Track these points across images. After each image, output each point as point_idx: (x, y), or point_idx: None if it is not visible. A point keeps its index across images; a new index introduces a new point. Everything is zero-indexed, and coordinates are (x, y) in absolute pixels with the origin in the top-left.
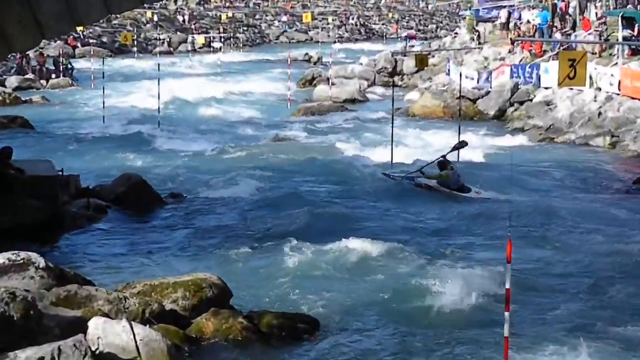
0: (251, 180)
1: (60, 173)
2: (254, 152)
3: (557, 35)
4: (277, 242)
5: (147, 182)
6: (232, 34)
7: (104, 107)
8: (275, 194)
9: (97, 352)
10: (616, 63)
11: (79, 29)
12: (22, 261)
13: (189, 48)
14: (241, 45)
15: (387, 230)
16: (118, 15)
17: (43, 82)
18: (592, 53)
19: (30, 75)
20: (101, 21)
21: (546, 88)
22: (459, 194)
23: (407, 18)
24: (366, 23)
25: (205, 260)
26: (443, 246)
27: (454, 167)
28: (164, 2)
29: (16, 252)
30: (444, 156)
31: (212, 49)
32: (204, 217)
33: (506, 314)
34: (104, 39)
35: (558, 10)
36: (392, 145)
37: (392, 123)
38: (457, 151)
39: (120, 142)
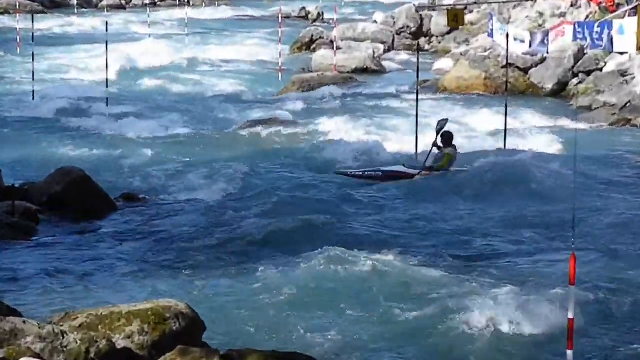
0: (226, 177)
1: None
2: (230, 140)
3: None
4: (260, 258)
5: (91, 179)
6: None
7: (33, 79)
8: (256, 195)
9: None
10: None
11: None
12: None
13: (147, 1)
14: None
15: (405, 240)
16: None
17: None
18: None
19: None
20: None
21: (621, 53)
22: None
23: None
24: None
25: (168, 281)
26: (482, 261)
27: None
28: None
29: None
30: (435, 143)
31: (177, 1)
32: (165, 224)
33: (569, 352)
34: None
35: None
36: (416, 130)
37: (417, 100)
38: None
39: (55, 125)
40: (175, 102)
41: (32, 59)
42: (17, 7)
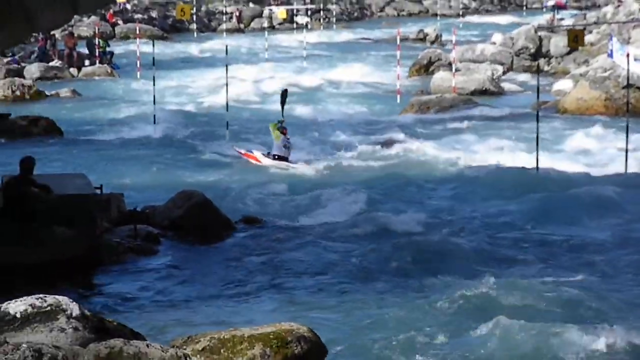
0: (347, 201)
1: (98, 191)
2: (350, 164)
3: None
4: (384, 282)
5: (212, 202)
6: (322, 6)
7: (154, 103)
8: (374, 220)
9: None
10: None
11: (120, 0)
12: (49, 308)
13: (265, 24)
14: (334, 20)
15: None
16: None
17: (73, 70)
18: None
19: (56, 62)
20: None
21: None
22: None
23: None
24: None
25: (290, 305)
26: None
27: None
28: None
29: (42, 296)
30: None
31: (295, 25)
32: (286, 248)
33: None
34: (154, 14)
35: None
36: (537, 152)
37: (537, 122)
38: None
39: (176, 149)
40: (295, 125)
41: (154, 83)
42: (138, 32)
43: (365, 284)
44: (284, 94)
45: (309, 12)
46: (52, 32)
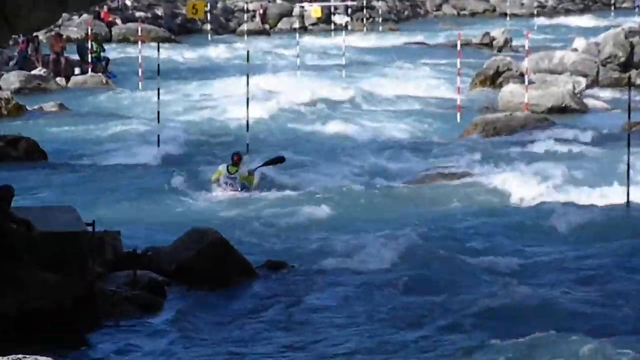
0: (396, 244)
1: (89, 228)
2: (397, 196)
3: None
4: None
5: (229, 243)
6: (365, 3)
7: (158, 121)
8: (425, 266)
9: None
10: None
11: None
12: None
13: (296, 25)
14: (380, 20)
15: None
16: None
17: (60, 80)
18: None
19: (40, 70)
20: None
21: None
22: None
23: None
24: None
25: None
26: None
27: None
28: None
29: (20, 357)
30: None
31: (332, 26)
32: (315, 301)
33: None
34: (159, 12)
35: None
36: (627, 183)
37: (628, 147)
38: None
39: (185, 177)
40: (330, 149)
41: (158, 97)
42: (140, 33)
43: (401, 342)
44: (279, 160)
45: (349, 11)
46: (34, 34)
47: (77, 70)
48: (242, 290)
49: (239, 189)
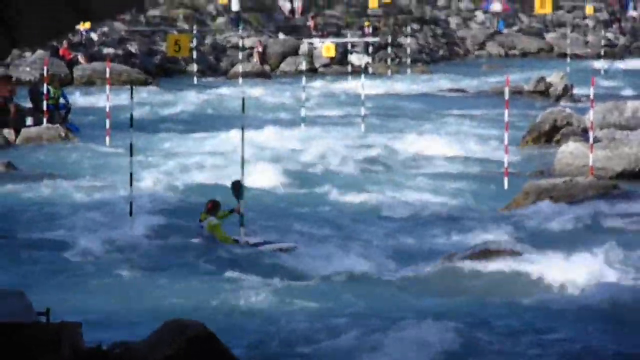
0: (416, 344)
1: (42, 318)
2: (420, 283)
3: None
4: None
5: (216, 337)
6: (390, 39)
7: (131, 185)
8: None
9: None
10: None
11: (83, 26)
12: None
13: (303, 66)
14: (408, 61)
15: None
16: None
17: (8, 132)
18: None
19: None
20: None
21: None
22: None
23: None
24: None
25: None
26: None
27: None
28: None
29: None
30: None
31: (349, 68)
32: None
33: None
34: (132, 48)
35: None
36: None
37: None
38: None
39: (163, 255)
40: (344, 221)
41: (130, 154)
42: (108, 75)
43: None
44: (236, 186)
45: (370, 49)
46: None
47: (29, 121)
48: None
49: (204, 241)
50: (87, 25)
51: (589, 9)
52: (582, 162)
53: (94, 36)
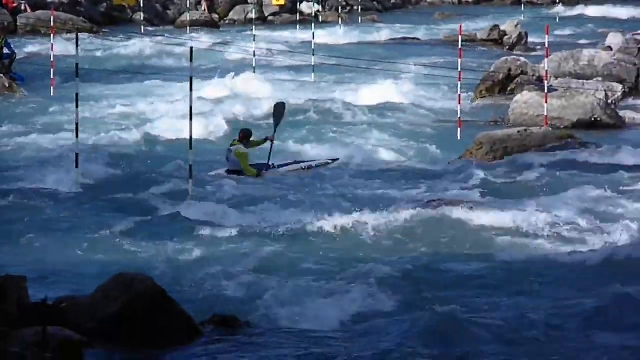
0: (374, 293)
1: None
2: (374, 235)
3: None
4: None
5: (166, 293)
6: None
7: (77, 136)
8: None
9: None
10: None
11: None
12: None
13: (252, 15)
14: (359, 9)
15: None
16: None
17: None
18: None
19: None
20: None
21: None
22: None
23: None
24: None
25: None
26: None
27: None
28: None
29: None
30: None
31: (298, 16)
32: None
33: None
34: None
35: None
36: None
37: None
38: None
39: (109, 208)
40: (298, 177)
41: (76, 104)
42: (53, 23)
43: None
44: (279, 109)
45: None
46: None
47: None
48: (180, 354)
49: (230, 167)
50: None
51: None
52: (537, 112)
53: None
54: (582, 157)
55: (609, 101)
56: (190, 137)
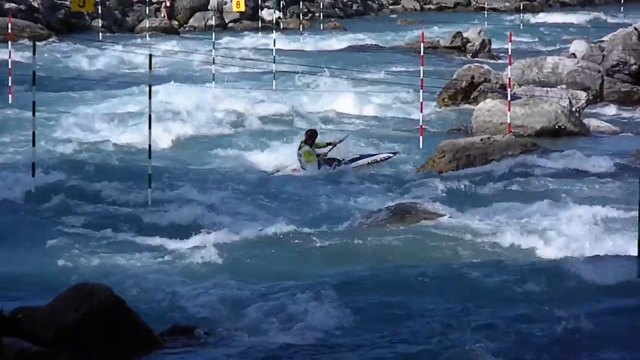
0: (333, 303)
1: None
2: (341, 243)
3: None
4: None
5: (125, 303)
6: None
7: (33, 144)
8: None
9: None
10: None
11: None
12: None
13: (212, 22)
14: (320, 16)
15: None
16: None
17: None
18: None
19: None
20: None
21: None
22: None
23: None
24: None
25: None
26: None
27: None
28: None
29: None
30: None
31: (259, 23)
32: None
33: None
34: (35, 2)
35: None
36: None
37: None
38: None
39: (68, 217)
40: (258, 183)
41: (33, 112)
42: (10, 30)
43: None
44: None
45: (282, 4)
46: None
47: None
48: None
49: (301, 167)
50: None
51: None
52: (500, 119)
53: None
54: (545, 165)
55: (573, 109)
56: (150, 145)
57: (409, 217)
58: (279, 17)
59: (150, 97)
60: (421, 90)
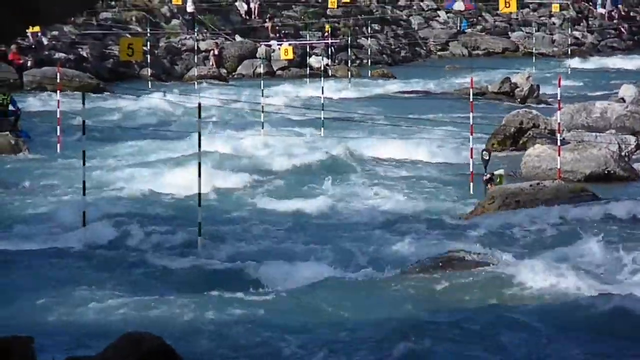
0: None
1: None
2: (390, 291)
3: None
4: None
5: (175, 352)
6: (349, 40)
7: (84, 194)
8: None
9: None
10: None
11: (32, 30)
12: None
13: (261, 69)
14: (368, 62)
15: None
16: (113, 1)
17: None
18: None
19: None
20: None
21: None
22: None
23: None
24: (635, 15)
25: None
26: None
27: None
28: None
29: None
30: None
31: (308, 70)
32: None
33: None
34: (84, 52)
35: None
36: None
37: None
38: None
39: (117, 266)
40: (309, 228)
41: (83, 162)
42: (59, 80)
43: None
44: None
45: (330, 51)
46: None
47: None
48: None
49: None
50: (37, 29)
51: (555, 7)
52: (549, 165)
53: (44, 40)
54: (595, 211)
55: (622, 153)
56: (199, 193)
57: (459, 264)
58: (327, 65)
59: (200, 145)
60: (471, 137)
